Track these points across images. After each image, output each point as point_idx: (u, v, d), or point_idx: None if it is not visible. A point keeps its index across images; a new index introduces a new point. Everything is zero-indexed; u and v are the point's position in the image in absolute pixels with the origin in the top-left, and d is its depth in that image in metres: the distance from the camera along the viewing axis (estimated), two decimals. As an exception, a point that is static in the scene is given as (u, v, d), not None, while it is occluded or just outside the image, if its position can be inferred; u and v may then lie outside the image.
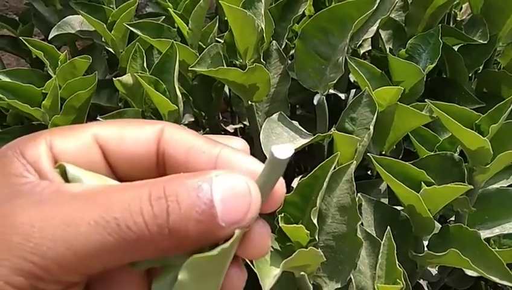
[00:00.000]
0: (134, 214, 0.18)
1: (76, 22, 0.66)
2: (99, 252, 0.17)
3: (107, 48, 0.68)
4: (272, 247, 0.38)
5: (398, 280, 0.41)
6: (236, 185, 0.19)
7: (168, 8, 0.59)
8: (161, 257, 0.19)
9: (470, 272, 0.50)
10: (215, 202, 0.18)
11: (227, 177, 0.19)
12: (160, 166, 0.21)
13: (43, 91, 0.52)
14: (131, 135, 0.21)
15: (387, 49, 0.61)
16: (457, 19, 0.71)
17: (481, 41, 0.60)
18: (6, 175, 0.19)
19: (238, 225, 0.18)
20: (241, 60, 0.52)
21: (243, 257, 0.21)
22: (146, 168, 0.21)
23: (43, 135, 0.21)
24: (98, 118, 0.51)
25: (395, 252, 0.42)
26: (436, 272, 0.56)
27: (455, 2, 0.67)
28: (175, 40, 0.52)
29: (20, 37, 0.60)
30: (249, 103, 0.54)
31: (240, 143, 0.22)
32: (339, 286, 0.41)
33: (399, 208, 0.50)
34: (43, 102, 0.51)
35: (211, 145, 0.21)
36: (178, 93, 0.49)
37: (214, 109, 0.64)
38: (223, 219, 0.18)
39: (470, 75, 0.67)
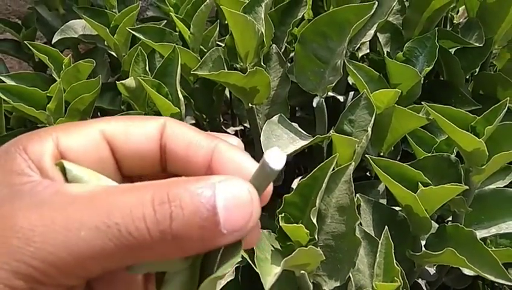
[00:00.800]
0: (136, 219, 0.17)
1: (79, 26, 0.67)
2: (99, 256, 0.17)
3: (109, 51, 0.68)
4: (273, 246, 0.39)
5: (395, 278, 0.42)
6: (240, 194, 0.19)
7: (170, 13, 0.60)
8: (158, 260, 0.19)
9: (467, 271, 0.51)
10: (218, 209, 0.18)
11: (229, 184, 0.19)
12: (162, 161, 0.22)
13: (47, 94, 0.53)
14: (137, 131, 0.21)
15: (385, 52, 0.62)
16: (454, 22, 0.72)
17: (477, 44, 0.61)
18: (7, 173, 0.19)
19: (239, 233, 0.19)
20: (241, 64, 0.53)
21: None
22: (150, 164, 0.22)
23: (49, 131, 0.20)
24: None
25: (393, 251, 0.43)
26: (434, 271, 0.57)
27: (451, 6, 0.68)
28: (176, 44, 0.53)
29: (25, 42, 0.61)
30: (250, 105, 0.55)
31: (235, 141, 0.23)
32: (338, 285, 0.42)
33: (397, 208, 0.51)
34: (48, 105, 0.52)
35: (209, 140, 0.21)
36: (180, 96, 0.50)
37: (215, 111, 0.65)
38: (225, 227, 0.18)
39: (467, 77, 0.67)
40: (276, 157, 0.19)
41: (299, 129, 0.53)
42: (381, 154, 0.57)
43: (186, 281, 0.20)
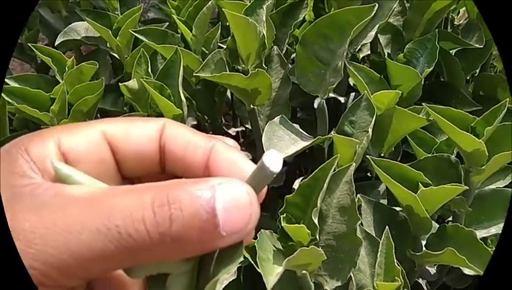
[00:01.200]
0: (136, 221, 0.18)
1: (82, 28, 0.68)
2: (100, 258, 0.18)
3: (111, 53, 0.69)
4: (274, 246, 0.39)
5: (396, 277, 0.42)
6: (239, 196, 0.19)
7: (172, 15, 0.60)
8: (158, 262, 0.19)
9: (467, 271, 0.51)
10: (218, 211, 0.18)
11: (229, 186, 0.19)
12: (162, 161, 0.22)
13: (51, 96, 0.53)
14: (137, 132, 0.22)
15: (386, 54, 0.62)
16: (455, 23, 0.72)
17: (477, 45, 0.61)
18: (9, 174, 0.19)
19: (238, 235, 0.19)
20: (243, 65, 0.53)
21: None
22: (150, 165, 0.22)
23: (50, 132, 0.21)
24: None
25: (394, 251, 0.43)
26: (435, 271, 0.57)
27: (452, 7, 0.68)
28: (179, 46, 0.54)
29: (29, 44, 0.62)
30: (251, 106, 0.55)
31: (231, 142, 0.23)
32: (340, 284, 0.42)
33: (397, 208, 0.51)
34: (52, 107, 0.53)
35: (207, 140, 0.22)
36: (182, 97, 0.51)
37: (217, 112, 0.66)
38: (225, 229, 0.18)
39: (467, 78, 0.68)
40: (274, 160, 0.19)
41: (301, 130, 0.53)
42: (382, 155, 0.57)
43: (188, 283, 0.20)
